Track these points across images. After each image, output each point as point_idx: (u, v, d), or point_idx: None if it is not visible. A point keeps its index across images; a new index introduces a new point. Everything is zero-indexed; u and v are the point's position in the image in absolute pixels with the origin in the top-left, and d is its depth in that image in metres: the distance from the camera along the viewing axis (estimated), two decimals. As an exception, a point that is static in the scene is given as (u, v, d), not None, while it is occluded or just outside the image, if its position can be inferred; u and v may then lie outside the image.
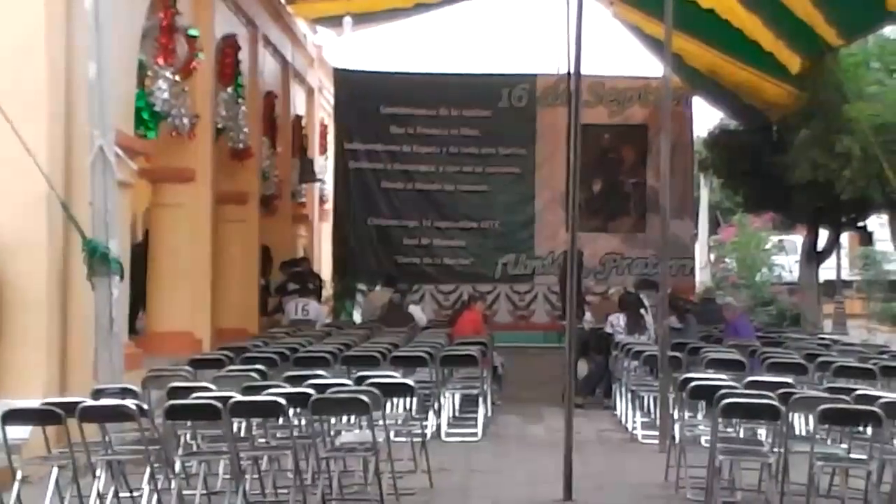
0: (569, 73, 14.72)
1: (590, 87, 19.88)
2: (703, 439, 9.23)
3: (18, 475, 7.85)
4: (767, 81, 16.74)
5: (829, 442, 9.17)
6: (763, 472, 8.42)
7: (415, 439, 9.61)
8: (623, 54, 24.33)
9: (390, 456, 8.56)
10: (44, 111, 10.03)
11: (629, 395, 12.45)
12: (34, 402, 8.32)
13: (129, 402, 7.94)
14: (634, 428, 11.88)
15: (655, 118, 19.36)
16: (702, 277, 26.57)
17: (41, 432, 8.30)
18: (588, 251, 19.44)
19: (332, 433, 9.07)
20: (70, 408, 7.86)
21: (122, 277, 10.03)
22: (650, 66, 21.88)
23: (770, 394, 8.25)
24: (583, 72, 10.11)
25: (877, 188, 15.36)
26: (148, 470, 7.94)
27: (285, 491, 8.21)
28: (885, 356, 12.18)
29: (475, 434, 11.60)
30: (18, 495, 7.74)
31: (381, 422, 8.40)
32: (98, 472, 7.97)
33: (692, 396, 9.32)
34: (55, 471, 8.00)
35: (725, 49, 16.55)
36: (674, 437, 9.50)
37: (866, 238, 25.13)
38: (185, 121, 13.51)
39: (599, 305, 15.54)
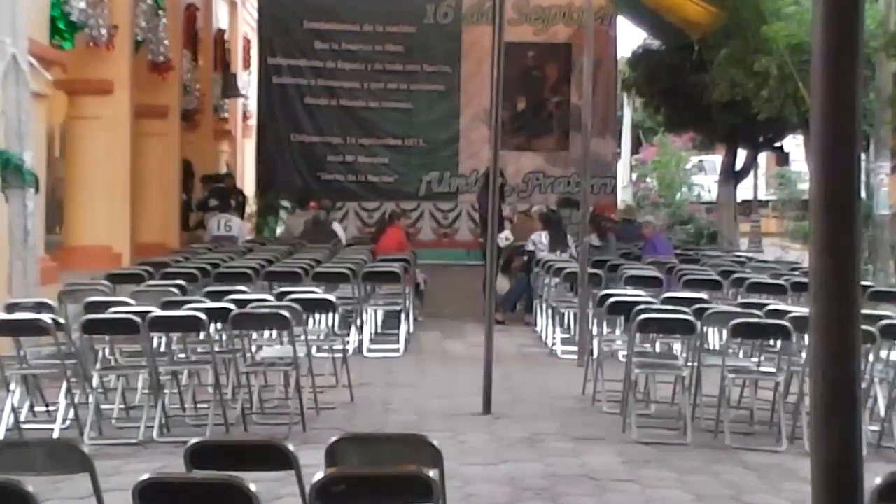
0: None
1: (514, 5, 19.79)
2: (620, 354, 9.39)
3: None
4: (689, 0, 16.76)
5: (740, 355, 9.41)
6: (676, 384, 8.61)
7: (336, 355, 9.63)
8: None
9: (311, 371, 8.57)
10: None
11: (549, 312, 12.59)
12: (-58, 317, 8.17)
13: (45, 316, 7.83)
14: (554, 344, 12.03)
15: (579, 37, 19.30)
16: (623, 196, 26.86)
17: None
18: (511, 169, 19.52)
19: (253, 348, 9.05)
20: (-19, 322, 7.74)
21: (37, 190, 9.85)
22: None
23: (685, 309, 8.41)
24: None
25: (792, 108, 15.57)
26: (64, 385, 7.85)
27: (205, 406, 8.19)
28: (796, 273, 12.46)
29: (397, 350, 11.67)
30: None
31: (302, 337, 8.41)
32: (12, 387, 7.87)
33: (610, 312, 9.47)
34: (-32, 385, 7.90)
35: (649, -33, 16.51)
36: (592, 352, 9.65)
37: (783, 158, 25.60)
38: (103, 31, 13.21)
39: (521, 224, 15.62)
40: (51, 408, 8.25)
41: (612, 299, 9.33)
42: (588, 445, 7.77)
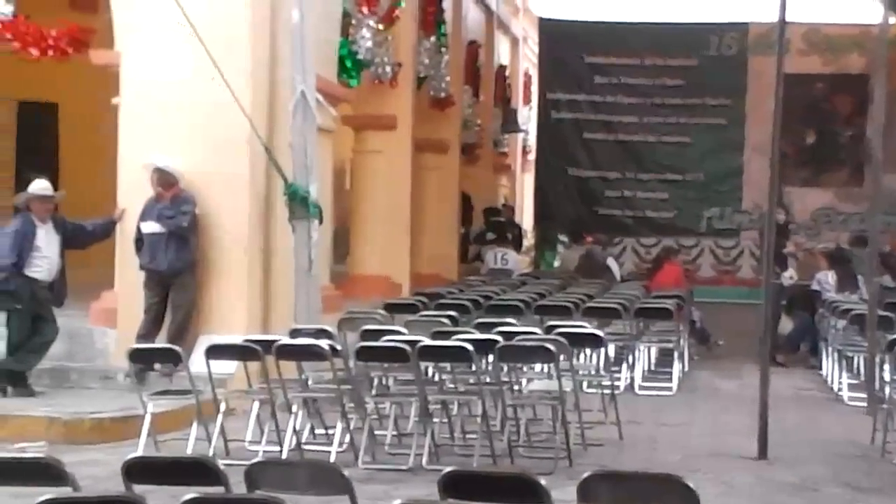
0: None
1: (804, 36, 19.07)
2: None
3: (222, 407, 8.14)
4: None
5: None
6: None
7: (605, 391, 9.50)
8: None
9: (578, 406, 8.48)
10: (248, 57, 10.30)
11: (836, 355, 11.97)
12: (236, 339, 8.63)
13: (323, 343, 8.13)
14: (840, 388, 11.43)
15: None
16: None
17: (245, 367, 8.61)
18: (798, 206, 18.77)
19: (523, 381, 9.06)
20: (268, 346, 8.12)
21: (321, 221, 10.25)
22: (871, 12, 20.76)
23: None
24: (798, 19, 9.63)
25: None
26: (340, 409, 8.11)
27: (473, 436, 8.24)
28: None
29: (670, 389, 11.40)
30: (222, 426, 8.04)
31: (569, 371, 8.33)
32: (294, 409, 8.19)
33: (901, 358, 8.89)
34: (256, 405, 8.29)
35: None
36: (882, 400, 9.07)
37: None
38: (388, 69, 13.70)
39: (806, 262, 14.98)
40: (330, 431, 8.52)
41: (903, 344, 8.74)
42: (870, 497, 7.28)
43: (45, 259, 9.62)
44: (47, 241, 9.65)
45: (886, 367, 9.67)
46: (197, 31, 9.57)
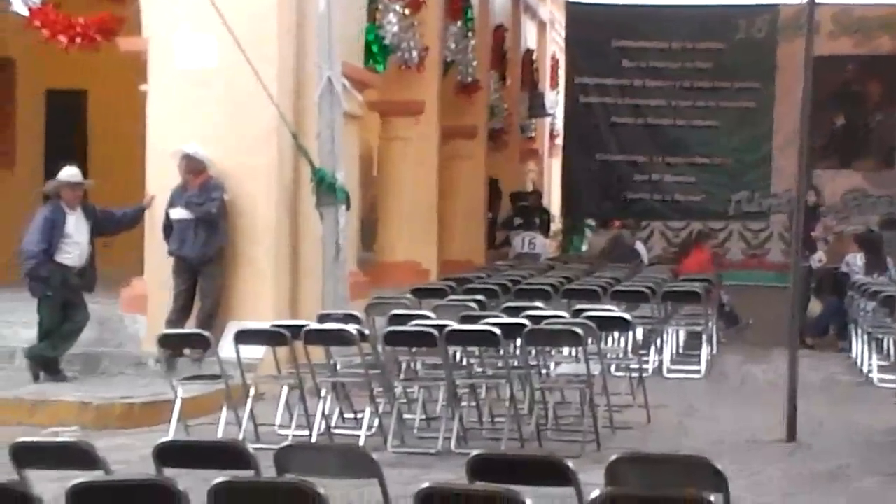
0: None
1: (834, 17, 18.87)
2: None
3: (252, 392, 8.19)
4: None
5: None
6: None
7: (633, 374, 9.49)
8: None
9: (606, 389, 8.48)
10: (275, 44, 10.33)
11: (865, 337, 11.91)
12: (264, 325, 8.69)
13: (351, 327, 8.16)
14: (870, 371, 11.36)
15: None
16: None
17: (273, 353, 8.66)
18: (828, 189, 18.62)
19: (551, 365, 9.07)
20: (296, 331, 8.17)
21: (348, 207, 10.28)
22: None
23: None
24: (828, 0, 9.54)
25: None
26: (369, 393, 8.15)
27: (502, 419, 8.26)
28: None
29: (698, 372, 11.37)
30: (252, 410, 8.09)
31: (596, 354, 8.34)
32: (323, 393, 8.23)
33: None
34: (285, 389, 8.33)
35: None
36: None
37: None
38: (414, 54, 13.69)
39: (835, 245, 14.89)
40: (359, 415, 8.56)
41: (933, 326, 8.69)
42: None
43: (76, 245, 9.70)
44: (77, 228, 9.73)
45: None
46: (224, 18, 9.61)
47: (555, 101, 23.83)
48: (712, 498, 3.49)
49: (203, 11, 9.76)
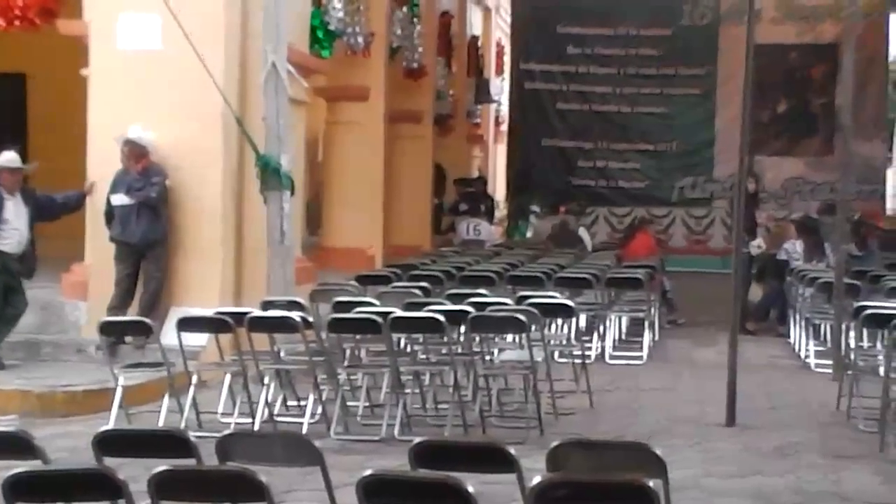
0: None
1: (777, 4, 19.11)
2: (881, 369, 8.87)
3: (194, 379, 8.13)
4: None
5: None
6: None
7: (576, 360, 9.56)
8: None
9: (549, 375, 8.53)
10: (221, 29, 10.22)
11: (803, 323, 12.08)
12: (207, 311, 8.63)
13: (295, 315, 8.13)
14: (807, 356, 11.54)
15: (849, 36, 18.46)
16: (894, 204, 25.39)
17: (216, 340, 8.61)
18: (770, 175, 18.87)
19: (495, 352, 9.10)
20: (240, 318, 8.12)
21: (293, 192, 10.21)
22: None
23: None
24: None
25: None
26: (313, 381, 8.12)
27: (446, 406, 8.28)
28: None
29: (640, 357, 11.48)
30: (194, 398, 8.04)
31: (540, 341, 8.38)
32: (266, 381, 8.20)
33: (864, 324, 8.98)
34: (228, 377, 8.29)
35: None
36: (848, 366, 9.18)
37: None
38: (360, 39, 13.64)
39: (778, 232, 15.07)
40: (302, 402, 8.53)
41: (868, 311, 8.83)
42: (842, 463, 7.38)
43: (15, 231, 9.57)
44: (16, 214, 9.59)
45: (852, 334, 9.79)
46: (168, 1, 9.50)
47: (500, 87, 23.89)
48: (652, 483, 3.54)
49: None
